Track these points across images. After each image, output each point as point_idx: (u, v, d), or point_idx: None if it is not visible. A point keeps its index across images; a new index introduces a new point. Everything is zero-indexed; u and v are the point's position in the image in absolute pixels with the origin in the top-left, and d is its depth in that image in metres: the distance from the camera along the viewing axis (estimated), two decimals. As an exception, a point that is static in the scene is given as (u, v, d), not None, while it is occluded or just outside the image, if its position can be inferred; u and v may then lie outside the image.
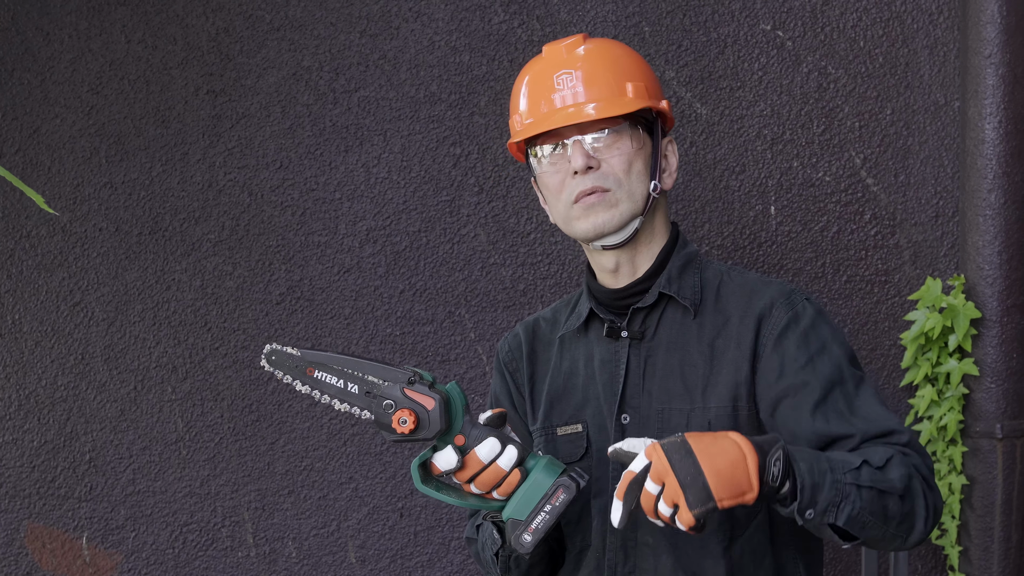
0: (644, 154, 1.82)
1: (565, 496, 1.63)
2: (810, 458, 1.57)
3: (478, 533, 1.90)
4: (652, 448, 1.52)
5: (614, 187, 1.79)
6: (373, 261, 2.69)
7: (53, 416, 2.75)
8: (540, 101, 1.84)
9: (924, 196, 2.59)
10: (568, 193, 1.81)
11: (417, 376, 1.63)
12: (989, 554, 2.52)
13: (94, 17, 2.71)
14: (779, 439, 1.57)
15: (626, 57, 1.86)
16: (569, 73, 1.82)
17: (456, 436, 1.64)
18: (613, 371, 1.84)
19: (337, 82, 2.68)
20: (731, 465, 1.50)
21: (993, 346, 2.49)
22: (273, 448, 2.72)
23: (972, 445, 2.52)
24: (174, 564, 2.75)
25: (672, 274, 1.84)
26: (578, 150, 1.79)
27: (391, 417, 1.62)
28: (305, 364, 1.67)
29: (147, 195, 2.72)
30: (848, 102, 2.58)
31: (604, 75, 1.82)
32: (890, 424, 1.70)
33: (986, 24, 2.46)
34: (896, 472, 1.62)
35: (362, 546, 2.73)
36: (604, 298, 1.88)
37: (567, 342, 1.92)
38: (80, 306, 2.74)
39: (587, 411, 1.86)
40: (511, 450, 1.64)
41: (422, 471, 1.67)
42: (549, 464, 1.65)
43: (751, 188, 2.61)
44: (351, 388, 1.65)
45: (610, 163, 1.80)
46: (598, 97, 1.80)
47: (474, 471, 1.64)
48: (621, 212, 1.80)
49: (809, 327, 1.77)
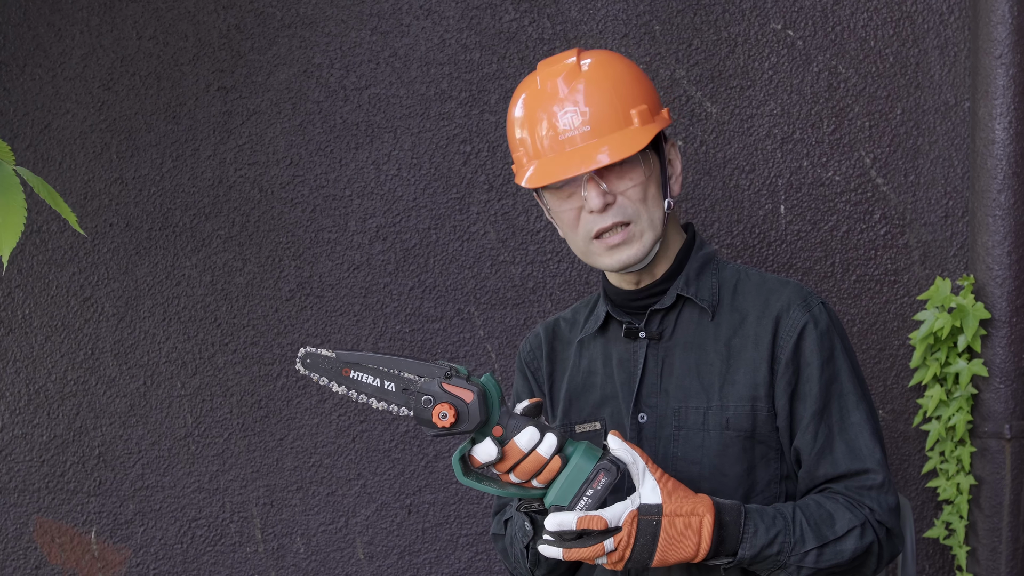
0: (655, 176, 1.81)
1: (607, 479, 1.64)
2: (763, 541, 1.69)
3: (506, 528, 1.90)
4: (631, 517, 1.63)
5: (634, 219, 1.78)
6: (383, 258, 2.70)
7: (62, 411, 2.76)
8: (543, 141, 1.79)
9: (934, 196, 2.59)
10: (586, 229, 1.80)
11: (453, 370, 1.65)
12: (997, 554, 2.52)
13: (105, 13, 2.71)
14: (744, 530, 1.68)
15: (626, 77, 1.81)
16: (572, 111, 1.77)
17: (494, 427, 1.65)
18: (631, 370, 1.85)
19: (348, 79, 2.68)
20: (679, 557, 1.64)
21: (1002, 346, 2.49)
22: (282, 444, 2.73)
23: (980, 445, 2.52)
24: (182, 559, 2.76)
25: (690, 276, 1.85)
26: (593, 190, 1.76)
27: (431, 412, 1.63)
28: (341, 365, 1.68)
29: (157, 191, 2.72)
30: (858, 102, 2.58)
31: (609, 107, 1.77)
32: (870, 462, 1.78)
33: (997, 24, 2.46)
34: (851, 544, 1.72)
35: (370, 542, 2.74)
36: (621, 300, 1.88)
37: (586, 343, 1.94)
38: (90, 301, 2.75)
39: (605, 410, 1.87)
40: (550, 437, 1.65)
41: (462, 464, 1.67)
42: (588, 449, 1.67)
43: (761, 187, 2.61)
44: (388, 386, 1.66)
45: (626, 195, 1.78)
46: (605, 133, 1.76)
47: (514, 461, 1.65)
48: (644, 243, 1.80)
49: (824, 332, 1.80)
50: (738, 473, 1.80)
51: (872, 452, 1.78)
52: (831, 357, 1.80)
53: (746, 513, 1.68)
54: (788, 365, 1.78)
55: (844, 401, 1.79)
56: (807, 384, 1.78)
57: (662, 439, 1.82)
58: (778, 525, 1.69)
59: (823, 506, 1.74)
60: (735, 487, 1.80)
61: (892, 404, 2.62)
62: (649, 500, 1.63)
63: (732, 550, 1.67)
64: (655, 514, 1.63)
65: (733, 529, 1.67)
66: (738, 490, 1.80)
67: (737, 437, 1.79)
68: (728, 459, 1.80)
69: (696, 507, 1.64)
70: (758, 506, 1.72)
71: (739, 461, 1.80)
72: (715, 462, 1.80)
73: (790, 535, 1.69)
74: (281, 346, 2.72)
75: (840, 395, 1.79)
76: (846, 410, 1.78)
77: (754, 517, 1.69)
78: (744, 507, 1.69)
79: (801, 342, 1.78)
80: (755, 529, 1.68)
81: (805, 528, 1.70)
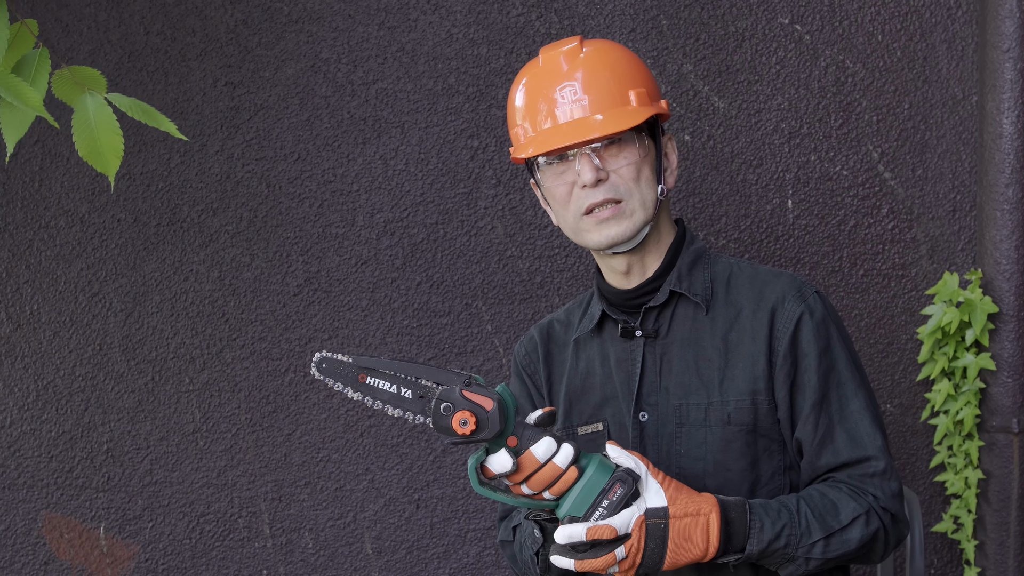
0: (650, 159, 1.82)
1: (623, 490, 1.63)
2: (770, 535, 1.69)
3: (514, 535, 1.90)
4: (639, 523, 1.62)
5: (626, 197, 1.79)
6: (390, 253, 2.70)
7: (71, 406, 2.76)
8: (542, 115, 1.82)
9: (941, 190, 2.59)
10: (577, 205, 1.81)
11: (471, 379, 1.63)
12: (1005, 548, 2.53)
13: (113, 8, 2.71)
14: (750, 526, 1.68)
15: (625, 61, 1.84)
16: (571, 86, 1.79)
17: (508, 437, 1.64)
18: (629, 370, 1.85)
19: (355, 74, 2.68)
20: (689, 557, 1.65)
21: (1010, 341, 2.49)
22: (290, 439, 2.73)
23: (988, 440, 2.52)
24: (191, 554, 2.76)
25: (682, 272, 1.85)
26: (586, 164, 1.78)
27: (451, 419, 1.61)
28: (357, 370, 1.66)
29: (165, 186, 2.72)
30: (866, 96, 2.58)
31: (606, 85, 1.80)
32: (871, 449, 1.78)
33: (1004, 18, 2.46)
34: (857, 532, 1.72)
35: (378, 537, 2.74)
36: (616, 299, 1.88)
37: (582, 343, 1.93)
38: (98, 297, 2.75)
39: (606, 410, 1.87)
40: (566, 447, 1.64)
41: (477, 474, 1.66)
42: (603, 461, 1.66)
43: (768, 182, 2.62)
44: (404, 393, 1.65)
45: (619, 173, 1.79)
46: (602, 109, 1.78)
47: (529, 471, 1.64)
48: (635, 222, 1.80)
49: (820, 322, 1.80)
50: (742, 467, 1.80)
51: (873, 439, 1.78)
52: (828, 346, 1.80)
53: (751, 509, 1.69)
54: (786, 357, 1.79)
55: (843, 390, 1.79)
56: (805, 375, 1.79)
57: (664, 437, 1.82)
58: (783, 518, 1.69)
59: (827, 496, 1.74)
60: (740, 481, 1.80)
61: (900, 398, 2.62)
62: (654, 504, 1.64)
63: (740, 546, 1.68)
64: (662, 517, 1.63)
65: (739, 525, 1.67)
66: (743, 484, 1.80)
67: (739, 431, 1.79)
68: (731, 454, 1.80)
69: (701, 506, 1.65)
70: (762, 500, 1.72)
71: (742, 455, 1.80)
72: (718, 457, 1.80)
73: (796, 527, 1.70)
74: (289, 341, 2.72)
75: (839, 384, 1.79)
76: (845, 399, 1.79)
77: (759, 512, 1.69)
78: (748, 503, 1.70)
79: (798, 333, 1.79)
80: (761, 524, 1.68)
81: (810, 519, 1.71)
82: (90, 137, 1.69)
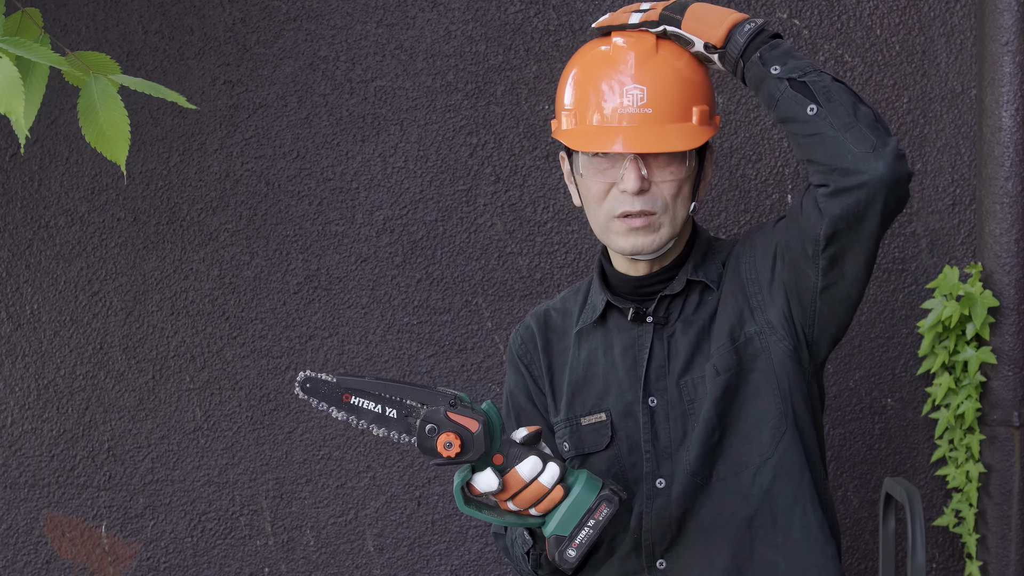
0: (692, 177, 1.81)
1: (609, 510, 1.62)
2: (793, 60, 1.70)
3: (506, 530, 1.90)
4: None
5: (660, 211, 1.77)
6: (390, 250, 2.70)
7: (72, 405, 2.76)
8: (601, 110, 1.77)
9: (941, 184, 2.59)
10: (611, 206, 1.78)
11: (457, 399, 1.61)
12: (1007, 542, 2.53)
13: (111, 7, 2.71)
14: None
15: (697, 75, 1.80)
16: (639, 90, 1.75)
17: (494, 456, 1.62)
18: (636, 356, 1.84)
19: (354, 72, 2.68)
20: None
21: (1010, 334, 2.49)
22: (291, 437, 2.73)
23: (989, 433, 2.52)
24: (192, 552, 2.76)
25: (697, 261, 1.85)
26: (633, 171, 1.75)
27: (435, 441, 1.59)
28: (341, 390, 1.63)
29: (164, 185, 2.73)
30: (865, 90, 2.58)
31: (674, 98, 1.75)
32: None
33: (1003, 12, 2.46)
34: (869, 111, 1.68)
35: (380, 534, 2.74)
36: (624, 287, 1.88)
37: (584, 333, 1.92)
38: (98, 296, 2.75)
39: (609, 399, 1.86)
40: (552, 467, 1.63)
41: (463, 493, 1.64)
42: (590, 479, 1.65)
43: (768, 177, 2.61)
44: (389, 413, 1.62)
45: (661, 187, 1.77)
46: (663, 122, 1.75)
47: (515, 490, 1.63)
48: (661, 236, 1.79)
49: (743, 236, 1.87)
50: (745, 414, 1.79)
51: None
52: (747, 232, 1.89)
53: None
54: (749, 281, 1.81)
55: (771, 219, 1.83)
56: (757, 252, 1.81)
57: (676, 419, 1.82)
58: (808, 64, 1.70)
59: None
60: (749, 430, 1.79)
61: (901, 392, 2.62)
62: None
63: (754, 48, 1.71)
64: None
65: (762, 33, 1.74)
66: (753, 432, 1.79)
67: (730, 376, 1.79)
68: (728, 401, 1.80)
69: None
70: None
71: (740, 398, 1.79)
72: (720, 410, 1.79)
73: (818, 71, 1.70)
74: (289, 339, 2.72)
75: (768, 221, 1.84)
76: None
77: None
78: None
79: (736, 255, 1.84)
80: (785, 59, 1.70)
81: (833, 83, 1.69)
82: (95, 121, 1.69)
